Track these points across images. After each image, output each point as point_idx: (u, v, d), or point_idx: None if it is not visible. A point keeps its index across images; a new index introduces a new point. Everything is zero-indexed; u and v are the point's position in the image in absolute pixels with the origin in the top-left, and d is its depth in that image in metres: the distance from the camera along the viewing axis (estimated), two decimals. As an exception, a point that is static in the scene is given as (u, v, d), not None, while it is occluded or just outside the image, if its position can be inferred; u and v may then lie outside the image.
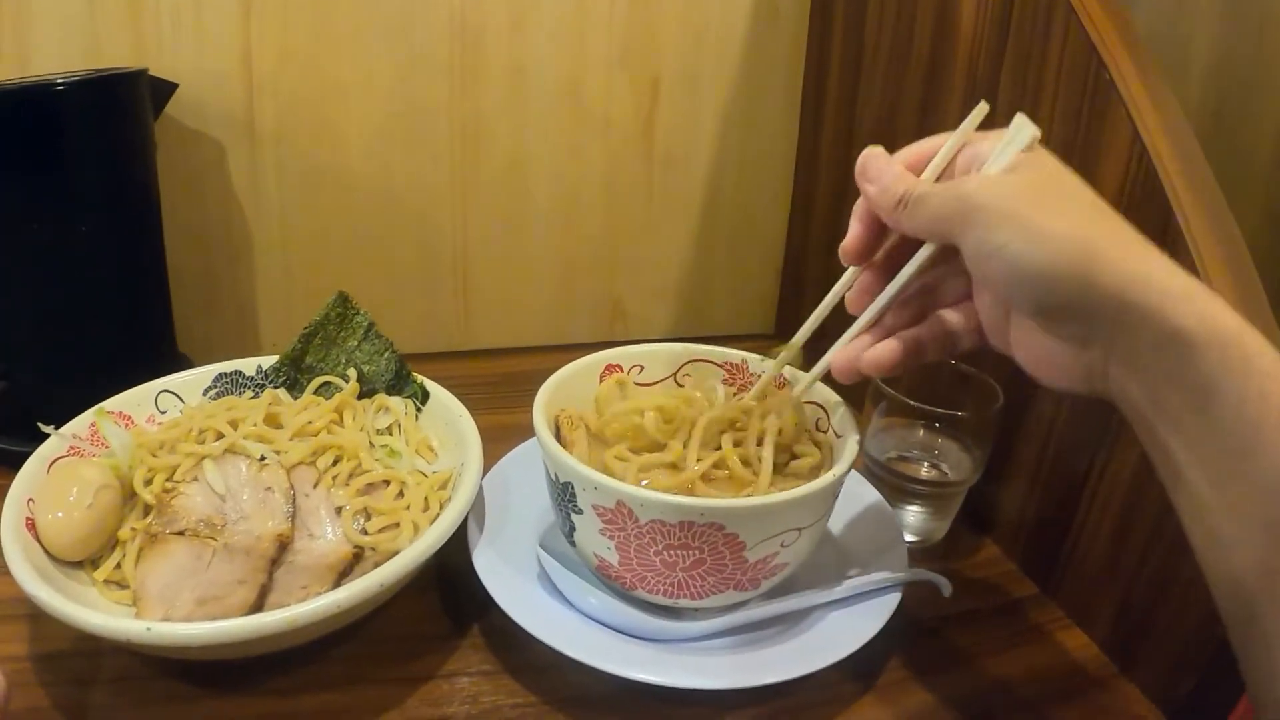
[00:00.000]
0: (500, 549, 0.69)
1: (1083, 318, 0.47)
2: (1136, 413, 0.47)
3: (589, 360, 0.75)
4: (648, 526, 0.58)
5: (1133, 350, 0.46)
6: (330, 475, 0.69)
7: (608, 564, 0.63)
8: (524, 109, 1.04)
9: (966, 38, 0.81)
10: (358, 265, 1.06)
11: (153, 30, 0.92)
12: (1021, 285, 0.48)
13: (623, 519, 0.59)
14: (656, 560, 0.60)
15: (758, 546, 0.59)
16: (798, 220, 1.17)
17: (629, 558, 0.61)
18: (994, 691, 0.66)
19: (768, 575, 0.62)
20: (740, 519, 0.58)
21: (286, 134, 0.99)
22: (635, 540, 0.59)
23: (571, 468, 0.60)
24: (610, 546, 0.61)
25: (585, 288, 1.16)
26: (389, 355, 0.80)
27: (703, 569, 0.60)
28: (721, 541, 0.58)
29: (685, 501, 0.57)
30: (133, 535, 0.65)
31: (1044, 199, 0.49)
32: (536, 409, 0.66)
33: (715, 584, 0.61)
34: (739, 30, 1.08)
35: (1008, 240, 0.47)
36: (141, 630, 0.53)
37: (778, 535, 0.60)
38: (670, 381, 0.77)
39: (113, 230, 0.84)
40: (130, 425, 0.74)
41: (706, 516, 0.57)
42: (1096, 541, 0.70)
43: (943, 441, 0.79)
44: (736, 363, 0.77)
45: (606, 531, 0.60)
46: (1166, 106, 0.66)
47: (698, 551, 0.59)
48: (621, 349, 0.77)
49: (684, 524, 0.57)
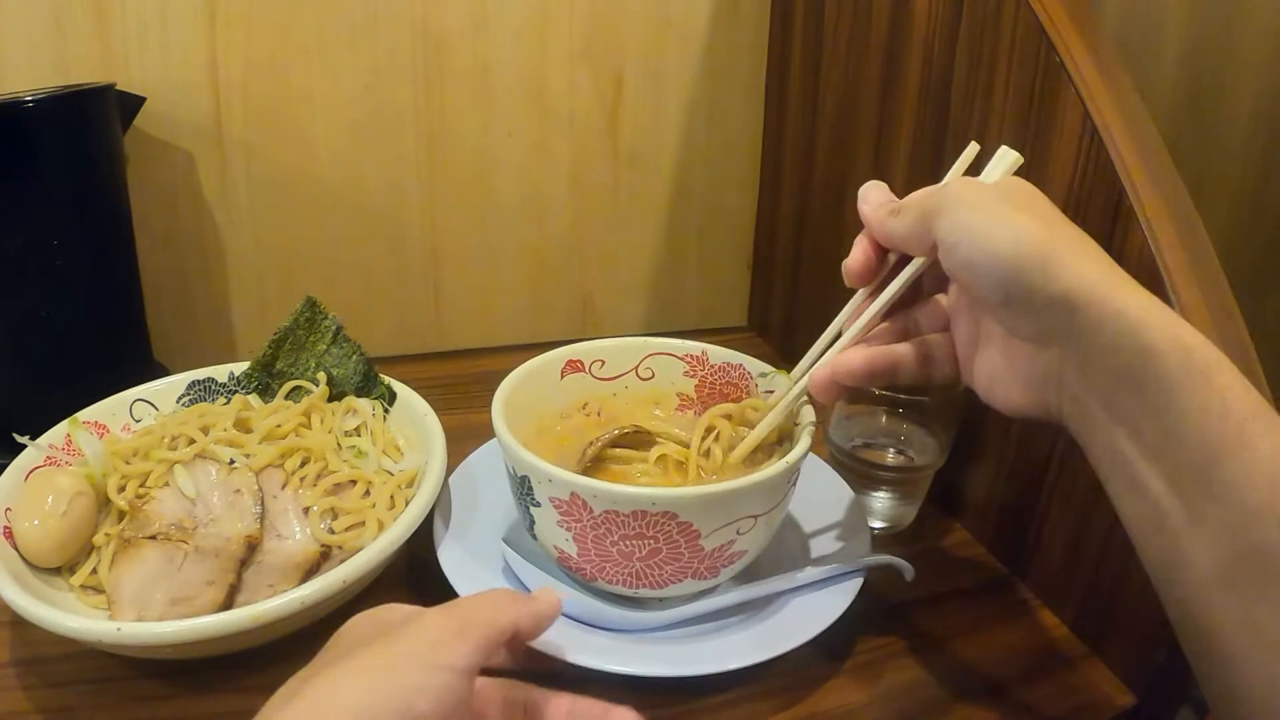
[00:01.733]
0: (466, 545, 0.70)
1: (1044, 309, 0.48)
2: (1092, 422, 0.48)
3: (550, 356, 0.76)
4: (602, 517, 0.59)
5: (1090, 351, 0.47)
6: (298, 477, 0.70)
7: (567, 555, 0.63)
8: (489, 109, 1.06)
9: (921, 23, 0.82)
10: (329, 269, 1.07)
11: (120, 43, 0.93)
12: (988, 267, 0.49)
13: (578, 510, 0.59)
14: (613, 550, 0.60)
15: (713, 535, 0.60)
16: (765, 210, 1.18)
17: (586, 549, 0.61)
18: (965, 672, 0.66)
19: (726, 563, 0.63)
20: (692, 507, 0.58)
21: (255, 142, 1.00)
22: (592, 531, 0.60)
23: (527, 461, 0.60)
24: (568, 538, 0.62)
25: (556, 285, 1.17)
26: (357, 358, 0.81)
27: (659, 558, 0.60)
28: (676, 530, 0.58)
29: (636, 491, 0.58)
30: (107, 541, 0.66)
31: (1015, 198, 0.52)
32: (496, 404, 0.67)
33: (673, 573, 0.62)
34: (700, 23, 1.10)
35: (976, 221, 0.50)
36: (112, 631, 0.55)
37: (733, 523, 0.60)
38: (632, 375, 0.78)
39: (84, 243, 0.85)
40: (105, 434, 0.76)
41: (659, 505, 0.57)
42: (1063, 522, 0.70)
43: (908, 427, 0.80)
44: (697, 354, 0.77)
45: (563, 523, 0.61)
46: (1119, 86, 0.66)
47: (653, 541, 0.59)
48: (582, 344, 0.78)
49: (637, 513, 0.58)
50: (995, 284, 0.49)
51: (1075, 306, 0.46)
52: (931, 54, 0.81)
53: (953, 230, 0.51)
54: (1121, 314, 0.45)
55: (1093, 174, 0.65)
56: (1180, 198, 0.63)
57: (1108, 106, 0.65)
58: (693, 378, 0.78)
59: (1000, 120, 0.74)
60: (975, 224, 0.50)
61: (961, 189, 0.52)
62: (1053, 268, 0.47)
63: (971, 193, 0.52)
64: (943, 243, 0.51)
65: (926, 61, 0.82)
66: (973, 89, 0.76)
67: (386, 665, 0.44)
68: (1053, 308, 0.47)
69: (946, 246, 0.51)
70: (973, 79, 0.76)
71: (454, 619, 0.47)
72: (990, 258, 0.49)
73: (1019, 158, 0.56)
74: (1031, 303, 0.48)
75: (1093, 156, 0.65)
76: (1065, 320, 0.47)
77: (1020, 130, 0.72)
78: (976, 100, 0.76)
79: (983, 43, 0.75)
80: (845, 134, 0.96)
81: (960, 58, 0.78)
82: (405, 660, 0.44)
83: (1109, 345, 0.45)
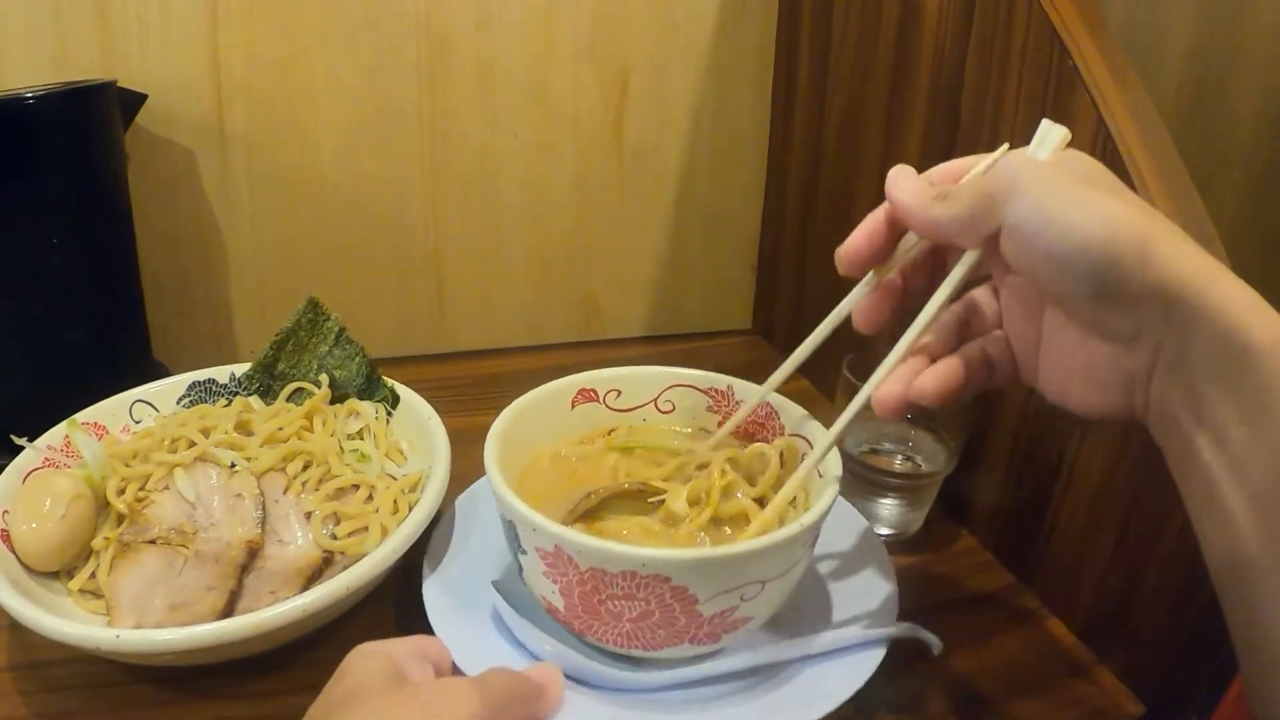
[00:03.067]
0: (453, 581, 0.66)
1: (1137, 304, 0.43)
2: (1175, 428, 0.44)
3: (559, 385, 0.71)
4: (589, 574, 0.54)
5: (1183, 351, 0.42)
6: (300, 481, 0.69)
7: (555, 608, 0.59)
8: (493, 107, 1.05)
9: (932, 23, 0.81)
10: (331, 268, 1.07)
11: (120, 40, 0.92)
12: (1075, 258, 0.43)
13: (563, 564, 0.54)
14: (601, 609, 0.55)
15: (712, 600, 0.54)
16: (771, 211, 1.18)
17: (574, 604, 0.56)
18: (972, 680, 0.66)
19: (729, 629, 0.57)
20: (688, 572, 0.52)
21: (256, 139, 0.99)
22: (578, 587, 0.55)
23: (513, 505, 0.56)
24: (555, 591, 0.57)
25: (559, 285, 1.17)
26: (360, 360, 0.80)
27: (651, 621, 0.55)
28: (670, 595, 0.53)
29: (624, 550, 0.52)
30: (106, 545, 0.66)
31: (1094, 179, 0.47)
32: (491, 437, 0.63)
33: (668, 637, 0.56)
34: (707, 22, 1.08)
35: (1057, 206, 0.44)
36: (111, 638, 0.55)
37: (735, 589, 0.54)
38: (651, 407, 0.73)
39: (85, 242, 0.85)
40: (104, 435, 0.75)
41: (649, 568, 0.52)
42: (1071, 529, 0.70)
43: (916, 433, 0.79)
44: (721, 389, 0.72)
45: (549, 575, 0.56)
46: (1132, 92, 0.66)
47: (644, 603, 0.54)
48: (596, 373, 0.72)
49: (626, 574, 0.52)
50: (1082, 277, 0.43)
51: (1172, 300, 0.41)
52: (942, 55, 0.80)
53: (1030, 217, 0.44)
54: (1223, 310, 0.40)
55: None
56: (1193, 205, 0.62)
57: (1121, 111, 0.65)
58: (716, 413, 0.72)
59: (1011, 124, 0.73)
60: (1057, 209, 0.43)
61: (1029, 168, 0.46)
62: (1151, 256, 0.42)
63: (1043, 173, 0.46)
64: (1015, 231, 0.45)
65: (936, 63, 0.81)
66: (983, 92, 0.76)
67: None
68: (1148, 302, 0.42)
69: (1020, 236, 0.45)
70: (983, 82, 0.76)
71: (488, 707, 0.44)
72: (1078, 247, 0.43)
73: (1067, 132, 0.49)
74: (1124, 297, 0.43)
75: (1105, 162, 0.64)
76: (1160, 315, 0.42)
77: (1031, 134, 0.71)
78: (987, 103, 0.75)
79: (994, 45, 0.74)
80: (852, 136, 0.95)
81: (971, 60, 0.77)
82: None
83: (1206, 343, 0.41)
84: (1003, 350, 0.53)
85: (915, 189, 0.51)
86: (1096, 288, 0.43)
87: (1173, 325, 0.42)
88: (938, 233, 0.51)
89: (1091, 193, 0.44)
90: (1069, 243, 0.43)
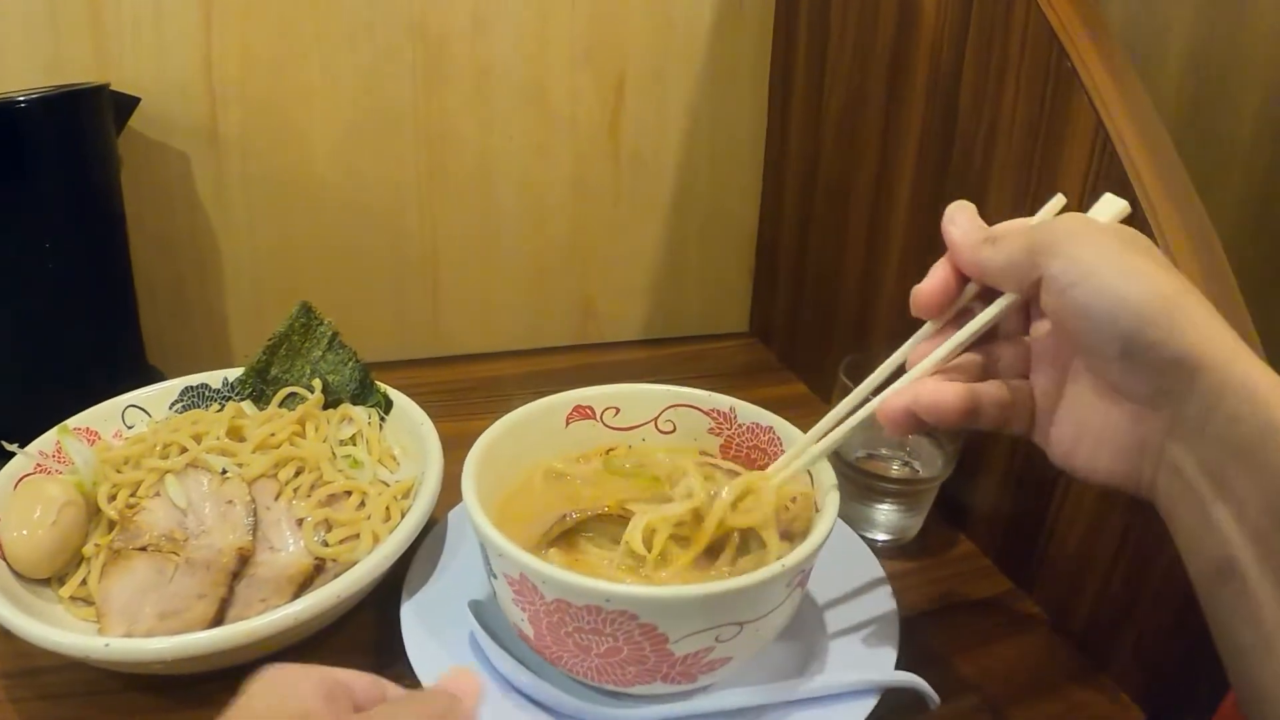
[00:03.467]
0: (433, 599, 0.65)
1: (1164, 368, 0.44)
2: (1189, 497, 0.44)
3: (552, 401, 0.69)
4: (554, 605, 0.52)
5: (1206, 420, 0.43)
6: (291, 487, 0.69)
7: (526, 635, 0.57)
8: (489, 111, 1.04)
9: (929, 25, 0.81)
10: (327, 272, 1.06)
11: (114, 43, 0.92)
12: (1110, 315, 0.44)
13: (530, 592, 0.53)
14: (569, 641, 0.53)
15: (684, 641, 0.52)
16: (768, 215, 1.17)
17: (542, 634, 0.55)
18: (970, 688, 0.65)
19: (705, 670, 0.55)
20: (655, 610, 0.50)
21: (251, 142, 0.99)
22: (545, 617, 0.53)
23: (481, 528, 0.54)
24: (524, 619, 0.55)
25: (556, 289, 1.16)
26: (353, 365, 0.80)
27: (620, 658, 0.53)
28: (638, 632, 0.51)
29: (587, 584, 0.50)
30: (97, 551, 0.65)
31: (1135, 245, 0.47)
32: (472, 454, 0.62)
33: (638, 675, 0.54)
34: (704, 25, 1.08)
35: (1097, 266, 0.45)
36: (100, 646, 0.54)
37: (709, 630, 0.52)
38: (651, 426, 0.71)
39: (78, 246, 0.85)
40: (97, 441, 0.75)
41: (614, 603, 0.50)
42: (1071, 535, 0.69)
43: (913, 438, 0.79)
44: (724, 410, 0.69)
45: (518, 603, 0.54)
46: (1132, 93, 0.66)
47: (611, 639, 0.52)
48: (593, 389, 0.70)
49: (591, 608, 0.50)
50: (1115, 335, 0.45)
51: (1199, 369, 0.42)
52: (939, 57, 0.80)
53: (1070, 270, 0.46)
54: (1247, 384, 0.41)
55: (1104, 182, 0.64)
56: (1194, 208, 0.62)
57: (1120, 113, 0.64)
58: (718, 436, 0.70)
59: (1010, 126, 0.73)
60: (1098, 266, 0.45)
61: (1078, 225, 0.48)
62: (1180, 324, 0.43)
63: (1090, 231, 0.47)
64: (1054, 282, 0.47)
65: (934, 64, 0.81)
66: (981, 93, 0.75)
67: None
68: (1175, 368, 0.43)
69: (1059, 287, 0.46)
70: (981, 83, 0.75)
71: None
72: (1114, 304, 0.44)
73: (1126, 206, 0.52)
74: (1151, 359, 0.44)
75: (1105, 163, 0.64)
76: (1185, 383, 0.43)
77: (1030, 136, 0.71)
78: (985, 105, 0.75)
79: (992, 46, 0.74)
80: (850, 139, 0.95)
81: (969, 61, 0.77)
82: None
83: (1230, 415, 0.42)
84: (1024, 398, 0.53)
85: (969, 229, 0.53)
86: (1126, 346, 0.44)
87: (1196, 394, 0.43)
88: (984, 275, 0.52)
89: (1133, 257, 0.45)
90: (1106, 299, 0.44)
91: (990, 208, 0.75)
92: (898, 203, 0.88)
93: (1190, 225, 0.61)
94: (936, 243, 0.79)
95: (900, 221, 0.88)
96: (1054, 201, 0.55)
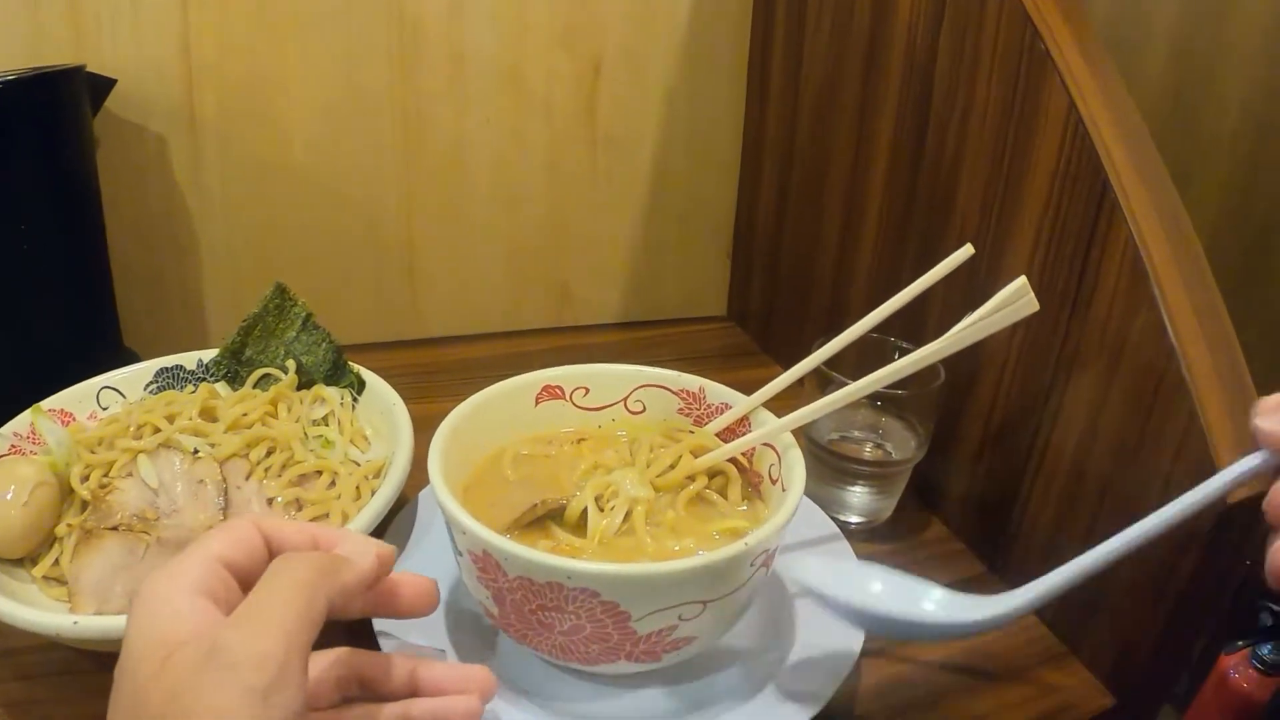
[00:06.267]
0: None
1: None
2: None
3: (521, 381, 0.69)
4: (517, 582, 0.52)
5: None
6: (263, 467, 0.69)
7: (492, 614, 0.57)
8: (465, 94, 1.04)
9: (904, 8, 0.81)
10: (304, 255, 1.06)
11: (92, 24, 0.91)
12: None
13: (493, 569, 0.53)
14: (533, 619, 0.54)
15: (647, 619, 0.52)
16: (745, 198, 1.18)
17: (506, 612, 0.55)
18: (942, 671, 0.66)
19: (670, 649, 0.55)
20: (616, 587, 0.50)
21: (228, 125, 0.99)
22: (509, 595, 0.53)
23: (446, 506, 0.54)
24: (489, 597, 0.55)
25: (532, 272, 1.16)
26: (327, 345, 0.80)
27: (583, 635, 0.53)
28: (600, 609, 0.51)
29: (547, 561, 0.50)
30: (69, 531, 0.65)
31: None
32: (439, 433, 0.62)
33: (602, 652, 0.54)
34: (682, 7, 1.08)
35: None
36: (69, 624, 0.55)
37: (672, 608, 0.52)
38: (620, 407, 0.71)
39: (53, 228, 0.84)
40: (71, 422, 0.75)
41: (575, 580, 0.50)
42: (1042, 518, 0.70)
43: (886, 420, 0.79)
44: (693, 390, 0.69)
45: (482, 580, 0.54)
46: (1105, 76, 0.66)
47: (573, 616, 0.52)
48: (562, 369, 0.70)
49: (552, 584, 0.50)
50: None
51: None
52: (914, 40, 0.80)
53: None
54: None
55: (1077, 164, 0.65)
56: (1166, 190, 0.63)
57: (1093, 96, 0.65)
58: (688, 415, 0.70)
59: (983, 109, 0.73)
60: None
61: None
62: None
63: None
64: None
65: (909, 47, 0.81)
66: (956, 76, 0.76)
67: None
68: None
69: None
70: (956, 65, 0.76)
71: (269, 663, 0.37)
72: None
73: None
74: None
75: (1077, 146, 0.65)
76: None
77: (1003, 118, 0.71)
78: (959, 87, 0.75)
79: (967, 28, 0.74)
80: (826, 121, 0.95)
81: (944, 44, 0.77)
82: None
83: None
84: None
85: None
86: None
87: None
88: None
89: None
90: None
91: (963, 190, 0.76)
92: (873, 186, 0.88)
93: (1162, 207, 0.62)
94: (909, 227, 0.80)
95: (874, 205, 0.88)
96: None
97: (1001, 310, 0.54)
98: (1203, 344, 0.58)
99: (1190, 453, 0.57)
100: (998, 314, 0.54)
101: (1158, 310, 0.59)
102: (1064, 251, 0.67)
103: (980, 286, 0.74)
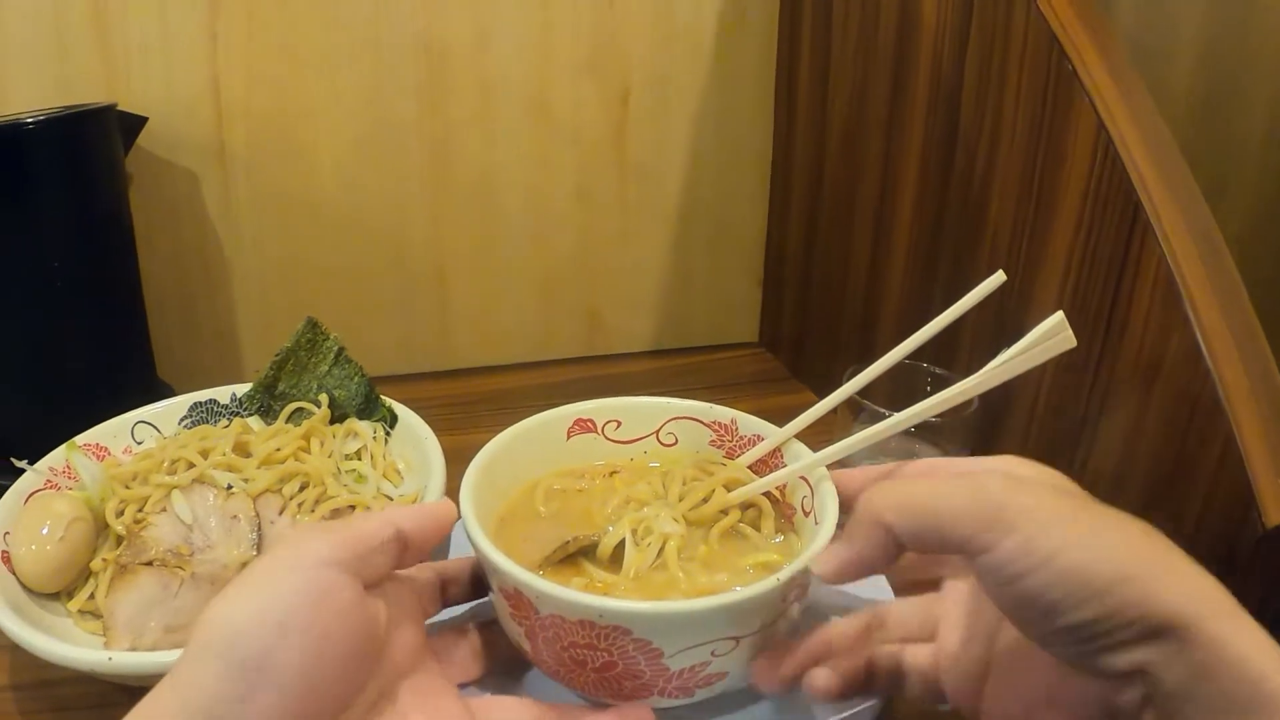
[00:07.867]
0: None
1: (1144, 642, 0.37)
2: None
3: (553, 415, 0.68)
4: (549, 620, 0.51)
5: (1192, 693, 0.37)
6: (296, 502, 0.69)
7: (525, 651, 0.56)
8: (493, 124, 1.05)
9: (930, 31, 0.81)
10: (334, 286, 1.07)
11: (122, 63, 0.93)
12: (1079, 602, 0.38)
13: (525, 607, 0.52)
14: (565, 656, 0.53)
15: (679, 655, 0.51)
16: (775, 223, 1.17)
17: (538, 649, 0.54)
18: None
19: (702, 685, 0.53)
20: (648, 624, 0.49)
21: (258, 159, 1.00)
22: (541, 632, 0.52)
23: (478, 543, 0.54)
24: (521, 634, 0.54)
25: (563, 301, 1.16)
26: (359, 380, 0.80)
27: (615, 672, 0.52)
28: (632, 647, 0.50)
29: (578, 599, 0.49)
30: (104, 566, 0.66)
31: (1088, 506, 0.42)
32: (471, 469, 0.61)
33: (635, 689, 0.53)
34: (707, 34, 1.08)
35: (1062, 546, 0.38)
36: (104, 660, 0.55)
37: (705, 644, 0.51)
38: (652, 439, 0.70)
39: (86, 265, 0.85)
40: (106, 456, 0.75)
41: (606, 618, 0.49)
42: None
43: (919, 447, 0.78)
44: (725, 422, 0.68)
45: (515, 617, 0.54)
46: (1134, 94, 0.66)
47: (606, 654, 0.51)
48: (594, 402, 0.69)
49: (584, 623, 0.50)
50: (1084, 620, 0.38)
51: (1183, 640, 0.36)
52: (940, 62, 0.80)
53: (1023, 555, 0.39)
54: (1241, 658, 0.35)
55: (1107, 186, 0.64)
56: (1199, 210, 0.62)
57: (1122, 115, 0.64)
58: (720, 447, 0.68)
59: (1011, 130, 0.73)
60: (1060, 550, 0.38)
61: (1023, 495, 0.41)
62: (1160, 593, 0.37)
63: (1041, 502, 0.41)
64: (1002, 569, 0.39)
65: (935, 70, 0.81)
66: (983, 98, 0.75)
67: (257, 578, 0.43)
68: (1154, 639, 0.37)
69: (1009, 574, 0.39)
70: (983, 88, 0.75)
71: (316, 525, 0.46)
72: (1082, 593, 0.38)
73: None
74: (1125, 639, 0.38)
75: (1107, 167, 0.64)
76: (1168, 654, 0.37)
77: (1032, 140, 0.71)
78: (987, 110, 0.75)
79: (993, 50, 0.74)
80: (854, 147, 0.95)
81: (970, 65, 0.77)
82: (270, 568, 0.44)
83: (1221, 689, 0.36)
84: (923, 666, 0.51)
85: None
86: (1096, 630, 0.38)
87: (1181, 664, 0.37)
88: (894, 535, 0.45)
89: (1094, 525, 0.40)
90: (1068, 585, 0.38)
91: (993, 213, 0.75)
92: (902, 209, 0.88)
93: (1194, 226, 0.61)
94: (939, 250, 0.79)
95: (904, 228, 0.88)
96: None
97: (1038, 346, 0.53)
98: (1239, 365, 0.57)
99: (1227, 476, 0.56)
100: (1034, 350, 0.53)
101: (1192, 332, 0.58)
102: (1096, 274, 0.66)
103: (1012, 311, 0.73)
